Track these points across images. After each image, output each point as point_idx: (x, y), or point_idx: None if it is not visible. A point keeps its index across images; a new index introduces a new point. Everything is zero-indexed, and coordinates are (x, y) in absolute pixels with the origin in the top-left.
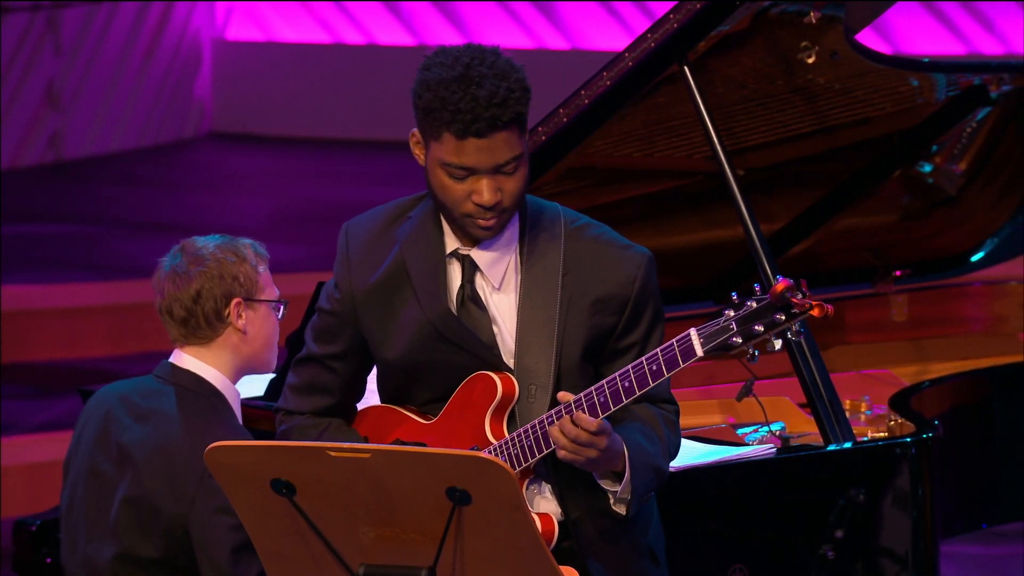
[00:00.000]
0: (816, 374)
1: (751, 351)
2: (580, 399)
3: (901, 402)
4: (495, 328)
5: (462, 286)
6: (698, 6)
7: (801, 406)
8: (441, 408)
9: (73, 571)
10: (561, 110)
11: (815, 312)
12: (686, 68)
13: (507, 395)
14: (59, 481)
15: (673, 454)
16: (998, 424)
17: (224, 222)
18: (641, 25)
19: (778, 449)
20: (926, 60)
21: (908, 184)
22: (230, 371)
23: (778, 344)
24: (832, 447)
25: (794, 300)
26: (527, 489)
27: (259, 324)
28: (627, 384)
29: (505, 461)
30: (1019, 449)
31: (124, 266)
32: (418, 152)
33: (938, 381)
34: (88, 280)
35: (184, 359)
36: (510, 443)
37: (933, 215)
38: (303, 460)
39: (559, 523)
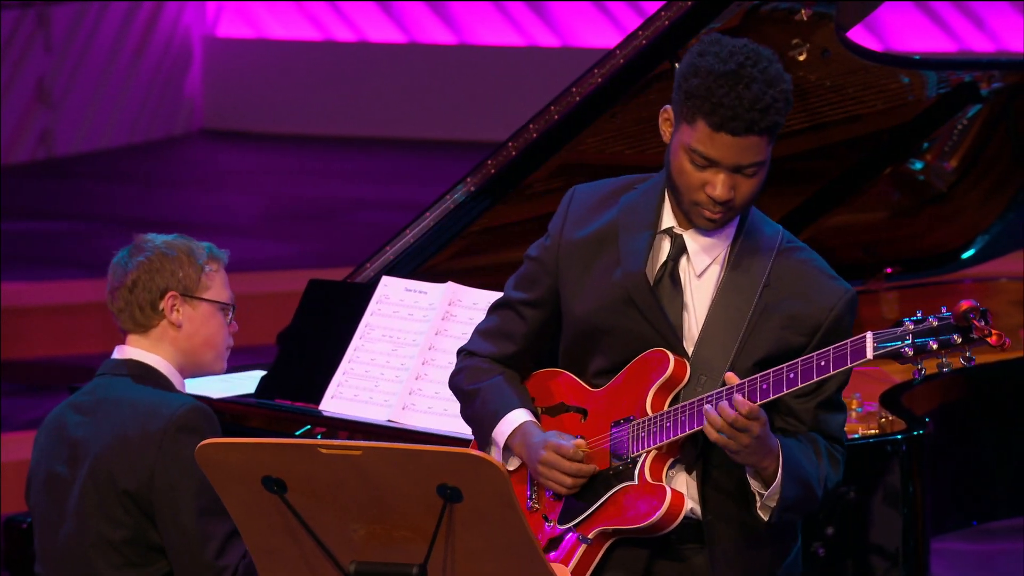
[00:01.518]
0: None
1: (920, 366)
2: (743, 383)
3: (892, 399)
4: (684, 312)
5: (665, 263)
6: (689, 3)
7: None
8: (610, 380)
9: (48, 568)
10: (552, 107)
11: (992, 340)
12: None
13: (676, 376)
14: None
15: (831, 488)
16: (988, 421)
17: (214, 219)
18: (632, 23)
19: None
20: (917, 57)
21: (899, 181)
22: (174, 362)
23: (948, 366)
24: None
25: (975, 323)
26: (670, 468)
27: (198, 322)
28: (792, 375)
29: (656, 432)
30: (1009, 446)
31: None
32: (665, 128)
33: (929, 378)
34: (80, 277)
35: (127, 351)
36: (665, 416)
37: (924, 212)
38: (294, 457)
39: (692, 525)
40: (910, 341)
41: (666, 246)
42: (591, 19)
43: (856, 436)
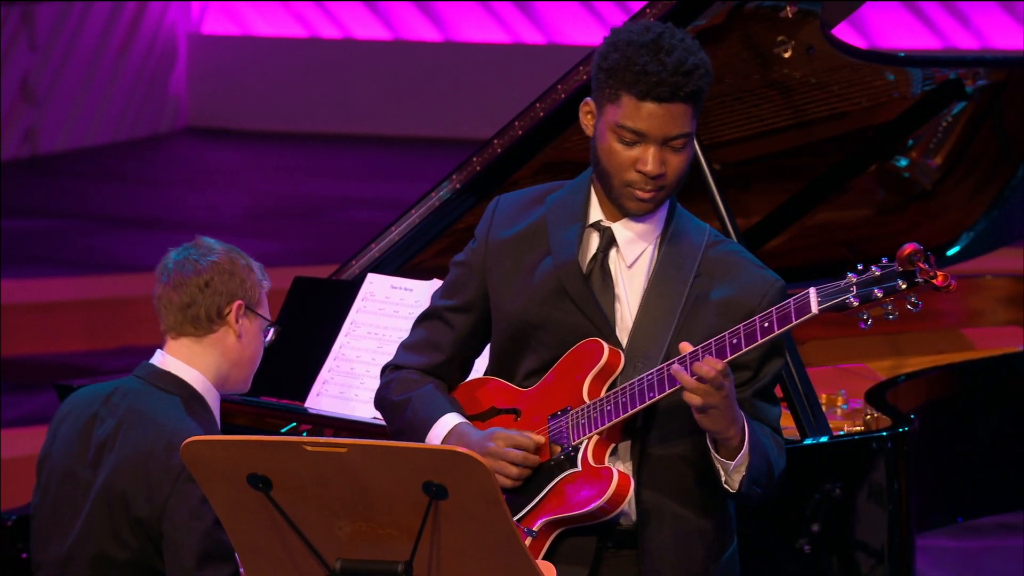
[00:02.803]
0: (792, 368)
1: (865, 316)
2: (696, 350)
3: (877, 396)
4: (617, 304)
5: (595, 255)
6: (673, 1)
7: None
8: (540, 380)
9: (44, 571)
10: (538, 104)
11: (938, 281)
12: None
13: (611, 364)
14: (35, 476)
15: (778, 475)
16: (973, 418)
17: (199, 217)
18: (617, 20)
19: None
20: (902, 55)
21: (884, 178)
22: (213, 375)
23: (894, 315)
24: (808, 441)
25: (920, 265)
26: (609, 456)
27: (251, 336)
28: (735, 341)
29: (596, 417)
30: (994, 443)
31: (99, 261)
32: (587, 122)
33: (914, 375)
34: (63, 275)
35: (168, 361)
36: (603, 400)
37: (909, 209)
38: (279, 455)
39: (627, 530)
40: (854, 292)
41: (595, 239)
42: (576, 16)
43: (841, 433)
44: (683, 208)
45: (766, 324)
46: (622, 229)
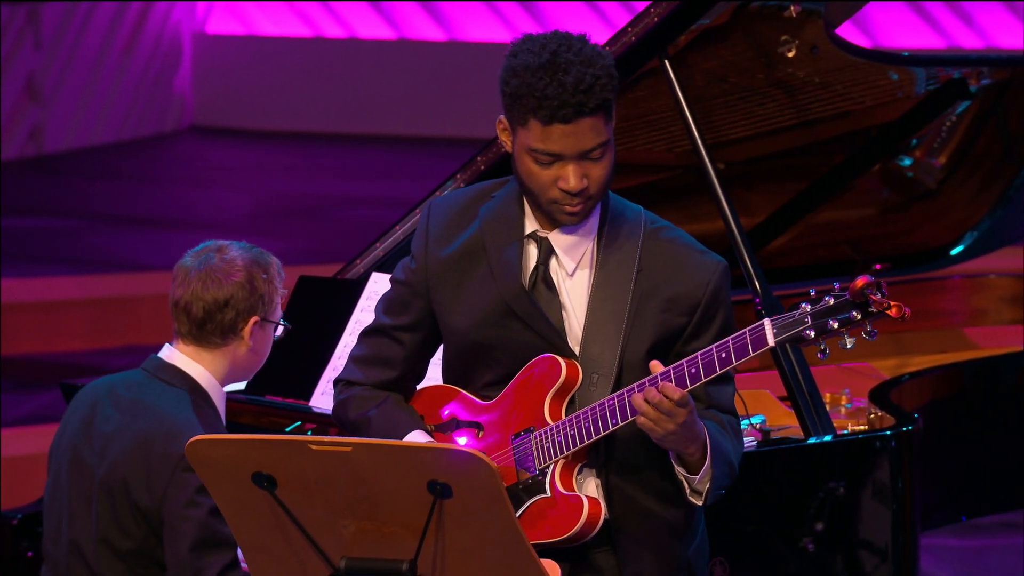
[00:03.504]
0: (796, 367)
1: (822, 346)
2: (656, 377)
3: (881, 395)
4: (564, 313)
5: (536, 267)
6: (678, 0)
7: (781, 399)
8: (501, 391)
9: (56, 559)
10: None
11: (892, 312)
12: (666, 62)
13: (570, 380)
14: (40, 475)
15: (739, 462)
16: (977, 417)
17: (204, 216)
18: (621, 19)
19: (758, 442)
20: (906, 54)
21: (888, 178)
22: (220, 375)
23: (850, 343)
24: (812, 440)
25: (872, 298)
26: (578, 474)
27: (261, 343)
28: (694, 371)
29: (561, 442)
30: (998, 441)
31: (104, 260)
32: (504, 138)
33: (918, 374)
34: (68, 274)
35: (175, 355)
36: (567, 424)
37: (913, 209)
38: (284, 453)
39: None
40: (809, 323)
41: (533, 251)
42: (580, 16)
43: (845, 432)
44: (615, 196)
45: (723, 355)
46: (558, 237)
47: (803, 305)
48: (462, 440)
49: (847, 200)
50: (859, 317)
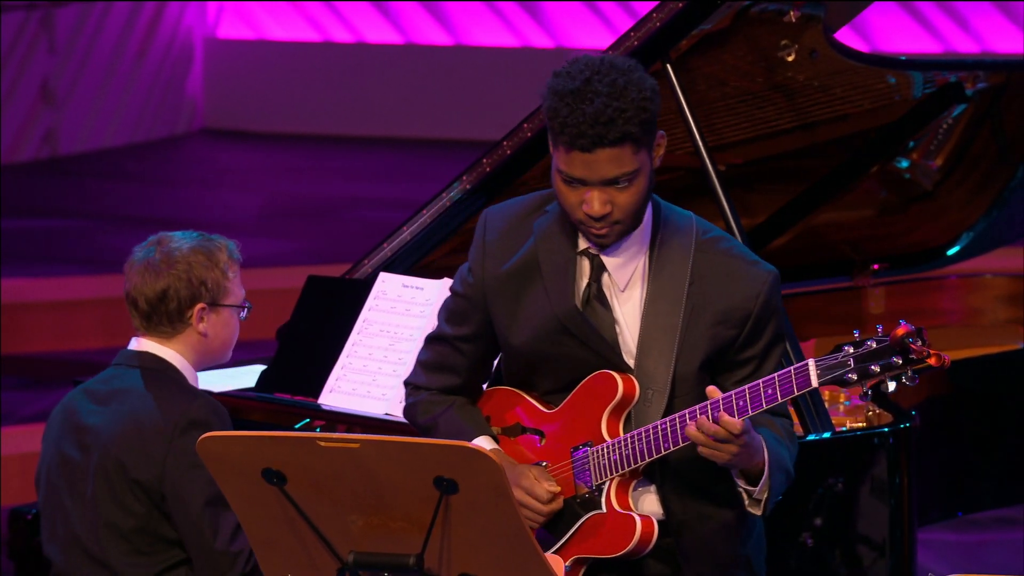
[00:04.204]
0: None
1: (866, 389)
2: (705, 406)
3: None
4: (617, 328)
5: (588, 284)
6: (680, 5)
7: None
8: (562, 399)
9: (57, 556)
10: None
11: (932, 362)
12: (668, 66)
13: (627, 396)
14: None
15: (794, 464)
16: (973, 414)
17: (214, 216)
18: (624, 24)
19: None
20: (903, 58)
21: (886, 179)
22: (189, 360)
23: (892, 386)
24: (811, 437)
25: (912, 346)
26: (634, 491)
27: (219, 327)
28: (741, 404)
29: (616, 461)
30: (993, 439)
31: (116, 260)
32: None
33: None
34: (81, 273)
35: (143, 343)
36: (622, 443)
37: (910, 210)
38: (294, 450)
39: (659, 522)
40: (852, 366)
41: (586, 267)
42: (584, 20)
43: (844, 429)
44: (668, 206)
45: (769, 391)
46: (610, 254)
47: (846, 347)
48: (523, 446)
49: (846, 201)
50: (900, 363)
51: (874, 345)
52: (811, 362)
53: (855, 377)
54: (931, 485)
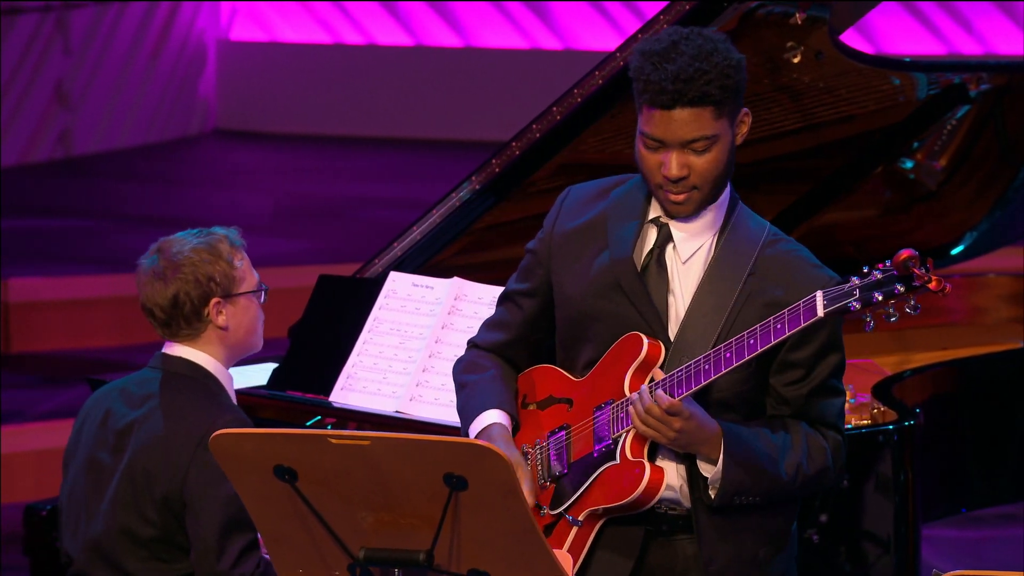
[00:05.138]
0: None
1: (868, 318)
2: (709, 354)
3: (883, 391)
4: (671, 297)
5: (652, 251)
6: (686, 7)
7: None
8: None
9: (75, 555)
10: (555, 108)
11: (932, 285)
12: None
13: (651, 357)
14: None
15: (811, 475)
16: (976, 412)
17: (226, 216)
18: (632, 26)
19: None
20: (907, 60)
21: (890, 180)
22: (221, 358)
23: (895, 316)
24: None
25: (915, 271)
26: (651, 449)
27: (240, 316)
28: (752, 341)
29: (632, 412)
30: (996, 436)
31: (130, 259)
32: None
33: (919, 370)
34: (95, 273)
35: (176, 348)
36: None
37: (914, 210)
38: (305, 447)
39: (678, 502)
40: (857, 295)
41: (653, 234)
42: (592, 22)
43: (849, 426)
44: (746, 207)
45: (779, 326)
46: (679, 226)
47: (853, 279)
48: (552, 416)
49: (850, 202)
50: (903, 290)
51: (879, 275)
52: (819, 292)
53: (859, 305)
54: (935, 482)
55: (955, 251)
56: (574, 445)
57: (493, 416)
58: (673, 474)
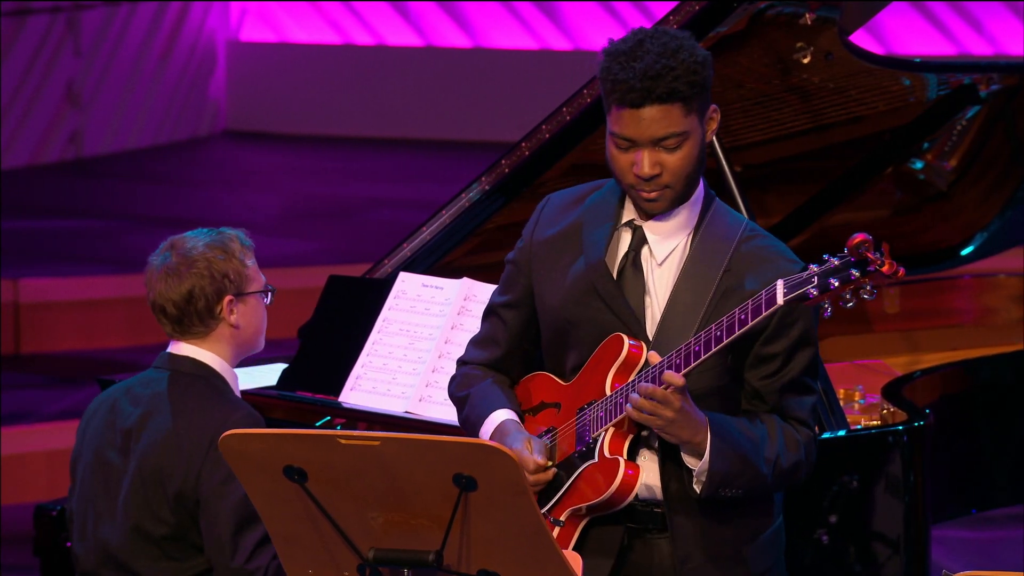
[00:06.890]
0: None
1: (825, 305)
2: (680, 348)
3: (894, 391)
4: (647, 299)
5: (627, 254)
6: (696, 8)
7: None
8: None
9: (85, 556)
10: (564, 108)
11: (885, 269)
12: None
13: (631, 358)
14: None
15: (786, 468)
16: (986, 412)
17: (236, 217)
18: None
19: None
20: (917, 60)
21: (900, 180)
22: (228, 357)
23: (851, 302)
24: (827, 435)
25: (868, 255)
26: (630, 447)
27: (250, 315)
28: (719, 333)
29: (609, 410)
30: (1006, 436)
31: (140, 260)
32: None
33: (929, 371)
34: (105, 273)
35: (182, 347)
36: (618, 394)
37: (924, 210)
38: (315, 447)
39: (655, 499)
40: (815, 282)
41: (627, 237)
42: (601, 23)
43: (859, 427)
44: (722, 203)
45: (743, 316)
46: (653, 226)
47: (812, 266)
48: (542, 421)
49: (861, 202)
50: (858, 275)
51: (836, 262)
52: (780, 281)
53: (816, 292)
54: (945, 483)
55: (965, 252)
56: (559, 447)
57: (502, 415)
58: (652, 472)
